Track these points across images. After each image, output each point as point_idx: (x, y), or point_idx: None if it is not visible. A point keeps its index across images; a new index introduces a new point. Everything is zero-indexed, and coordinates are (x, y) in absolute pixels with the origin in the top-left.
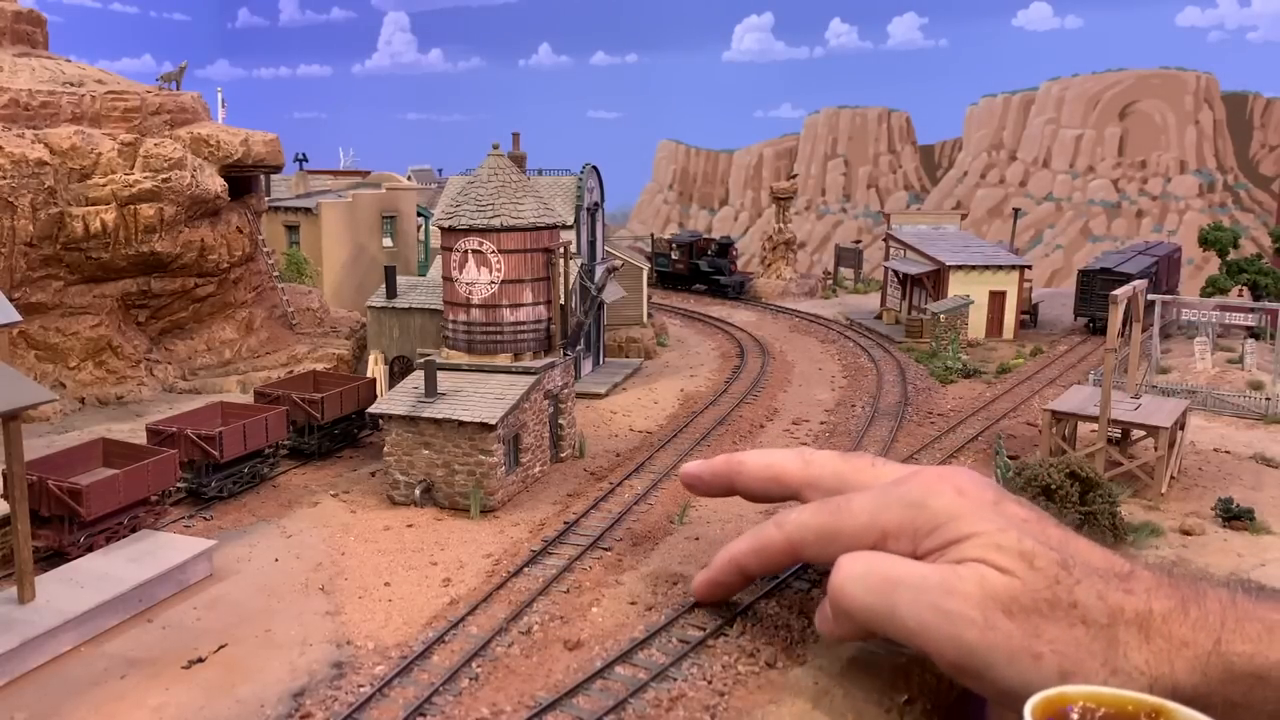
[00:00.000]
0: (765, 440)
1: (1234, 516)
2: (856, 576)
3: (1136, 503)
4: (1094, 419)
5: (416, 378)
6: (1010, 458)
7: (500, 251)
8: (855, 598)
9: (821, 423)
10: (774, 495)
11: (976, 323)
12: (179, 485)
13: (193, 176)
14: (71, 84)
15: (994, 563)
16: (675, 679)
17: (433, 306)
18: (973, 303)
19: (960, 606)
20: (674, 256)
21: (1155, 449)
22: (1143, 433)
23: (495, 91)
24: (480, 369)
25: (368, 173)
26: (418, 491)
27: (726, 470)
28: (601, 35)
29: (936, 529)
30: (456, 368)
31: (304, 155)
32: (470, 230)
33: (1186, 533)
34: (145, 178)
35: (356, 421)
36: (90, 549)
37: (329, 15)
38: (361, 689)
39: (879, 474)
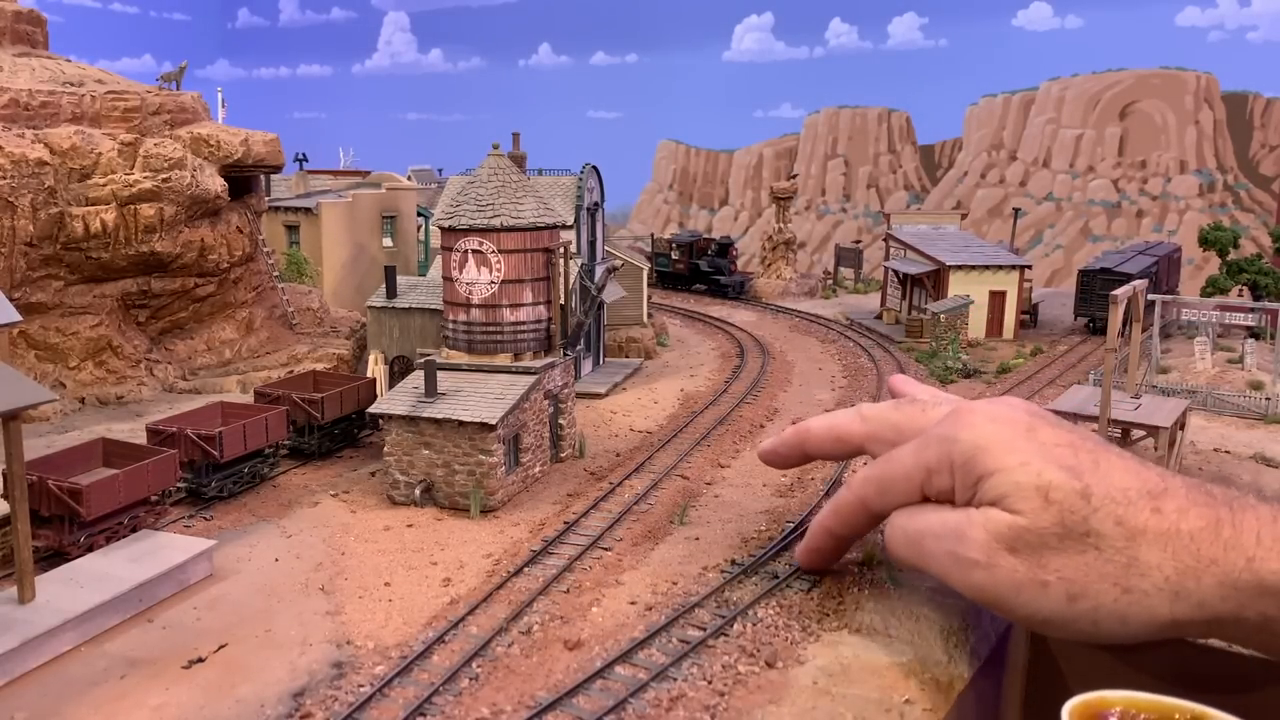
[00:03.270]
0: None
1: None
2: (897, 530)
3: None
4: (1094, 419)
5: (416, 378)
6: None
7: (500, 251)
8: (897, 551)
9: None
10: (842, 454)
11: (976, 322)
12: (179, 485)
13: (193, 176)
14: (71, 84)
15: (1007, 504)
16: (675, 679)
17: (433, 306)
18: (973, 302)
19: (967, 551)
20: (674, 256)
21: (1155, 449)
22: (1143, 433)
23: (495, 91)
24: (480, 369)
25: (368, 173)
26: (418, 491)
27: (796, 440)
28: (601, 35)
29: (968, 461)
30: (456, 368)
31: (304, 155)
32: (470, 230)
33: None
34: (145, 178)
35: (356, 421)
36: (90, 549)
37: (329, 15)
38: (361, 689)
39: (930, 418)
